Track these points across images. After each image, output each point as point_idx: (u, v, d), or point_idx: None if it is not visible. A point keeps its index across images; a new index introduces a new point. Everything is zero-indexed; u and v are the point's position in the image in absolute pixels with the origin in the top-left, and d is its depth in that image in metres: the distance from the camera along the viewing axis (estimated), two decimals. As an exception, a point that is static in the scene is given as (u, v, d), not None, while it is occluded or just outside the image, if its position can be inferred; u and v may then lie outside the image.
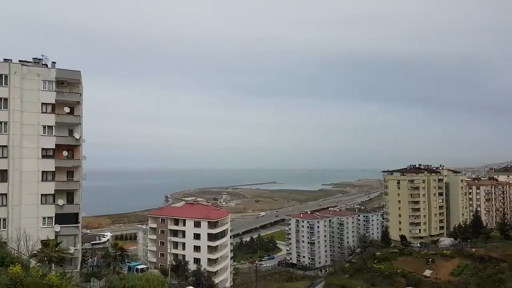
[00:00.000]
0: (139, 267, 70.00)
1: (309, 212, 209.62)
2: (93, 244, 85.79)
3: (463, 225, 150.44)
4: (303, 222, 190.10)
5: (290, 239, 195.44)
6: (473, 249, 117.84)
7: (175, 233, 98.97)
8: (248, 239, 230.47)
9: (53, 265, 41.97)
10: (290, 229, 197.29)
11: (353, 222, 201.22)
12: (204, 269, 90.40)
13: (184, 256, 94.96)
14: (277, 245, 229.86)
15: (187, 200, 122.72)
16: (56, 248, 45.66)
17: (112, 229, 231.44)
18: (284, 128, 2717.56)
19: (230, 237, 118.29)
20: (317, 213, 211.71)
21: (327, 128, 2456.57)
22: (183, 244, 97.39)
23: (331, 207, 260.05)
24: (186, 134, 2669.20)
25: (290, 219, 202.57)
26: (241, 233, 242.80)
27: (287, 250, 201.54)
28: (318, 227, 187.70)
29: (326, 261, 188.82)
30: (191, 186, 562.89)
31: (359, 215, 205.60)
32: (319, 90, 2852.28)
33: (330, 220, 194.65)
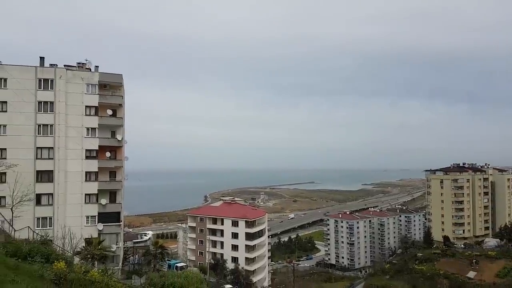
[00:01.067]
0: (179, 265, 71.27)
1: (348, 213, 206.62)
2: (134, 243, 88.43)
3: (509, 226, 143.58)
4: (342, 222, 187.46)
5: (328, 239, 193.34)
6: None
7: (213, 232, 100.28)
8: (286, 239, 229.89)
9: (95, 262, 43.50)
10: (328, 229, 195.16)
11: (394, 223, 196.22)
12: (242, 268, 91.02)
13: (222, 255, 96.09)
14: (315, 245, 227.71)
15: (225, 200, 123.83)
16: (99, 246, 47.20)
17: (153, 228, 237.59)
18: (322, 128, 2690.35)
19: (268, 236, 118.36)
20: (357, 214, 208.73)
21: (366, 127, 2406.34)
22: (221, 243, 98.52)
23: (371, 207, 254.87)
24: (223, 135, 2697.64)
25: (328, 220, 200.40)
26: (279, 233, 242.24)
27: (325, 250, 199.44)
28: (357, 227, 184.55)
29: (366, 262, 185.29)
30: (229, 186, 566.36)
31: (400, 216, 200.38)
32: (355, 88, 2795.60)
33: (370, 221, 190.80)
